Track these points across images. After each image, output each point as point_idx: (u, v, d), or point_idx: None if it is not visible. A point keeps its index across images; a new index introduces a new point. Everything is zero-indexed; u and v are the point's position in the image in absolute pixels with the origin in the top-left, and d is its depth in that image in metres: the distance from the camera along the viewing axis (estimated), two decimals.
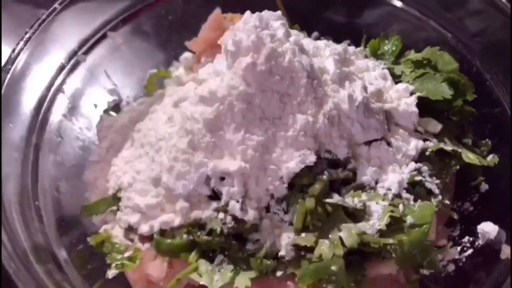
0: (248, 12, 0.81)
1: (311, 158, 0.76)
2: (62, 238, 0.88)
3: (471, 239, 0.87)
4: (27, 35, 0.89)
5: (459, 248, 0.87)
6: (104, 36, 1.05)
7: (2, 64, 0.86)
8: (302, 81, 0.77)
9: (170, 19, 1.13)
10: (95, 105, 1.04)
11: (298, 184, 0.77)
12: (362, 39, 1.11)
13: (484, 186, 0.91)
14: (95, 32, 1.04)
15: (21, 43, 0.88)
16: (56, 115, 0.95)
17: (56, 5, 0.93)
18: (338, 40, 1.13)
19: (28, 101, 0.92)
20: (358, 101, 0.80)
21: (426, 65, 0.96)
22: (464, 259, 0.85)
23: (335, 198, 0.76)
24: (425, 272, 0.83)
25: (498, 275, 0.77)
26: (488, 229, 0.83)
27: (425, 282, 0.83)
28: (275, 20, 0.81)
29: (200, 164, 0.78)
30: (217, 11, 1.13)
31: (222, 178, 0.78)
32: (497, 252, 0.80)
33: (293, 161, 0.76)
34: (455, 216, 0.88)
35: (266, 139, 0.76)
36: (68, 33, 0.99)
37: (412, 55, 1.00)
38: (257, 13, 0.80)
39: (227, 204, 0.77)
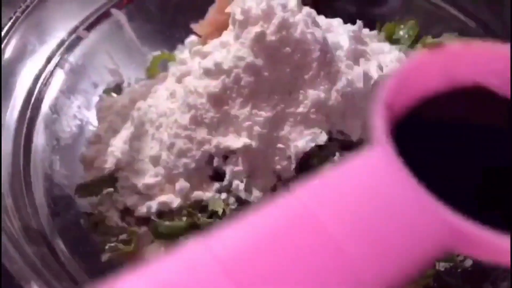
0: None
1: (322, 138, 0.71)
2: (55, 220, 0.83)
3: None
4: (25, 4, 0.84)
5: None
6: (107, 14, 1.01)
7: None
8: (315, 54, 0.72)
9: (176, 0, 1.09)
10: (95, 84, 0.99)
11: (307, 164, 0.72)
12: (376, 25, 1.08)
13: None
14: (99, 8, 0.99)
15: (18, 11, 0.83)
16: (53, 91, 0.91)
17: None
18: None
19: (25, 74, 0.87)
20: (374, 80, 0.75)
21: None
22: None
23: None
24: (441, 267, 0.78)
25: None
26: None
27: (441, 276, 0.77)
28: None
29: (203, 141, 0.73)
30: None
31: (226, 157, 0.73)
32: None
33: (302, 140, 0.71)
34: None
35: (274, 115, 0.71)
36: (70, 8, 0.95)
37: (429, 39, 0.96)
38: None
39: (230, 184, 0.72)
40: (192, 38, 1.08)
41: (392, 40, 0.98)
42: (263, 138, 0.71)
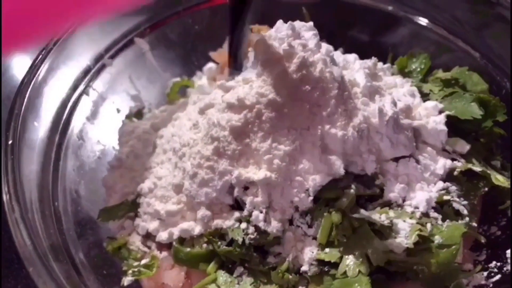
0: (280, 21, 0.80)
1: (339, 172, 0.74)
2: (80, 241, 0.86)
3: (498, 264, 0.84)
4: (56, 37, 0.89)
5: (485, 273, 0.84)
6: (131, 42, 1.05)
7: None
8: (333, 92, 0.75)
9: (196, 29, 1.13)
10: (118, 110, 1.04)
11: (323, 197, 0.75)
12: (388, 57, 1.11)
13: None
14: (123, 37, 1.04)
15: (51, 43, 0.87)
16: (79, 118, 0.95)
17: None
18: (363, 57, 1.14)
19: (53, 102, 0.91)
20: (388, 116, 0.78)
21: (454, 84, 0.95)
22: (491, 285, 0.82)
23: (362, 213, 0.74)
24: None
25: None
26: None
27: None
28: (306, 31, 0.80)
29: (225, 172, 0.76)
30: None
31: (246, 188, 0.77)
32: None
33: (320, 174, 0.74)
34: (482, 240, 0.85)
35: (293, 149, 0.75)
36: (96, 37, 0.99)
37: (441, 73, 0.99)
38: (289, 22, 0.79)
39: (250, 214, 0.75)
40: (210, 65, 1.13)
41: (404, 73, 1.01)
42: (282, 171, 0.74)
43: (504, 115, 0.88)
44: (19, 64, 1.30)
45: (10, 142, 0.78)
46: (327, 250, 0.73)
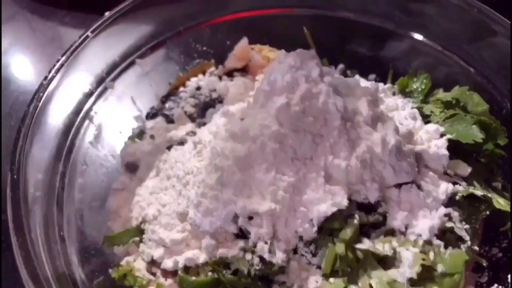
0: (283, 51, 0.80)
1: (343, 202, 0.75)
2: (84, 267, 0.87)
3: (500, 287, 0.85)
4: (60, 62, 0.89)
5: None
6: (132, 63, 1.05)
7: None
8: (336, 122, 0.76)
9: (197, 48, 1.14)
10: (120, 132, 1.04)
11: (327, 227, 0.76)
12: (389, 74, 1.12)
13: None
14: (124, 58, 1.04)
15: (53, 70, 0.87)
16: (82, 143, 0.95)
17: (88, 32, 0.93)
18: (363, 73, 1.14)
19: (56, 125, 0.92)
20: (391, 144, 0.79)
21: (455, 105, 0.95)
22: None
23: (366, 244, 0.75)
24: None
25: None
26: None
27: None
28: (309, 60, 0.80)
29: (229, 202, 0.77)
30: (244, 41, 1.14)
31: (250, 217, 0.77)
32: None
33: (324, 204, 0.75)
34: (484, 263, 0.86)
35: (297, 180, 0.75)
36: (97, 59, 0.99)
37: (441, 94, 0.99)
38: (292, 53, 0.79)
39: (255, 245, 0.76)
40: None
41: (405, 93, 1.02)
42: (286, 202, 0.75)
43: (505, 139, 0.89)
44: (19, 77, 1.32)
45: (15, 175, 0.78)
46: (331, 280, 0.74)
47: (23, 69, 1.38)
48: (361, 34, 1.16)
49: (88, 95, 0.98)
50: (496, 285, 0.85)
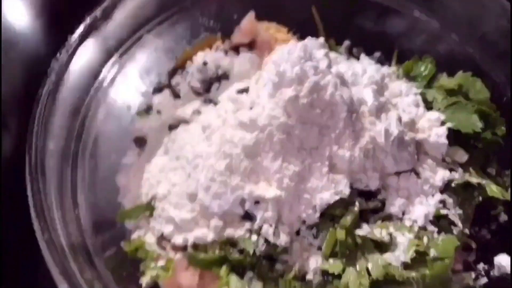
0: (292, 42, 0.81)
1: (346, 191, 0.79)
2: (97, 238, 0.92)
3: (486, 267, 0.91)
4: (71, 41, 0.90)
5: (473, 275, 0.91)
6: (139, 38, 1.06)
7: None
8: (342, 114, 0.79)
9: (204, 22, 1.13)
10: (129, 107, 1.06)
11: (329, 213, 0.81)
12: (394, 53, 1.13)
13: (504, 217, 0.94)
14: (131, 34, 1.04)
15: (63, 51, 0.89)
16: (93, 119, 0.98)
17: (97, 13, 0.93)
18: (369, 51, 1.15)
19: (67, 103, 0.94)
20: (394, 136, 0.82)
21: (457, 92, 0.98)
22: (478, 287, 0.89)
23: (364, 230, 0.80)
24: None
25: None
26: (504, 262, 0.87)
27: None
28: (318, 49, 0.81)
29: (237, 187, 0.81)
30: (251, 14, 1.13)
31: (257, 202, 0.82)
32: None
33: (327, 192, 0.79)
34: (473, 245, 0.92)
35: (302, 169, 0.79)
36: (105, 36, 0.99)
37: (445, 79, 1.01)
38: (301, 43, 0.81)
39: (260, 228, 0.81)
40: None
41: (409, 77, 1.03)
42: (292, 189, 0.79)
43: (503, 129, 0.92)
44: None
45: (33, 152, 0.82)
46: (331, 261, 0.80)
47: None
48: (367, 10, 1.16)
49: (97, 72, 0.99)
50: (482, 264, 0.92)
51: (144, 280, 0.87)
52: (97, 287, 0.82)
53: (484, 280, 0.89)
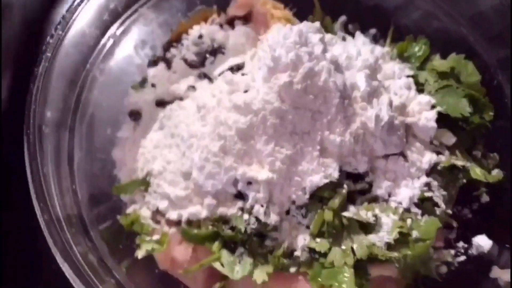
0: (288, 26, 0.82)
1: (335, 174, 0.82)
2: (93, 210, 0.95)
3: (466, 246, 0.95)
4: (66, 16, 0.90)
5: (453, 252, 0.96)
6: (135, 12, 1.05)
7: None
8: (334, 100, 0.80)
9: None
10: (124, 81, 1.07)
11: (318, 195, 0.84)
12: (389, 31, 1.13)
13: (485, 198, 0.98)
14: (126, 7, 1.03)
15: (59, 27, 0.88)
16: (89, 92, 0.99)
17: None
18: (364, 27, 1.15)
19: (64, 77, 0.95)
20: (384, 121, 0.84)
21: (449, 75, 0.99)
22: (456, 264, 0.94)
23: (351, 211, 0.83)
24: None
25: None
26: (482, 242, 0.91)
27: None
28: (313, 33, 0.82)
29: (230, 168, 0.83)
30: None
31: (249, 182, 0.84)
32: (488, 267, 0.89)
33: (317, 175, 0.82)
34: (454, 224, 0.96)
35: (294, 152, 0.82)
36: (100, 10, 0.99)
37: (438, 61, 1.02)
38: (297, 28, 0.81)
39: (252, 207, 0.84)
40: None
41: (403, 57, 1.04)
42: (283, 172, 0.82)
43: (491, 115, 0.95)
44: None
45: (29, 130, 0.84)
46: (318, 240, 0.84)
47: None
48: None
49: (93, 46, 0.99)
50: (462, 243, 0.96)
51: (140, 254, 0.91)
52: (91, 258, 0.87)
53: (462, 257, 0.94)
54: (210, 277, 0.90)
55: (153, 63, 1.10)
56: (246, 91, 0.84)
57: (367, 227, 0.84)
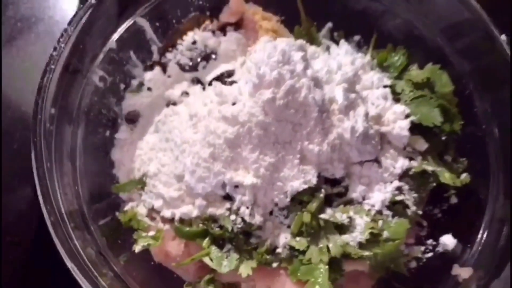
0: (273, 44, 0.89)
1: (313, 180, 0.91)
2: (93, 206, 1.03)
3: (434, 243, 1.05)
4: (68, 31, 0.96)
5: (423, 248, 1.05)
6: (132, 18, 1.11)
7: None
8: (313, 114, 0.88)
9: (193, 1, 1.18)
10: (123, 86, 1.14)
11: (298, 198, 0.92)
12: (372, 39, 1.19)
13: (454, 199, 1.07)
14: (124, 15, 1.10)
15: (61, 40, 0.95)
16: (88, 97, 1.06)
17: (92, 1, 0.99)
18: (349, 34, 1.21)
19: (65, 84, 1.01)
20: (359, 132, 0.92)
21: (424, 85, 1.06)
22: (424, 260, 1.04)
23: (328, 213, 0.92)
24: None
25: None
26: (448, 241, 1.00)
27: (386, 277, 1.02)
28: (296, 51, 0.89)
29: (219, 173, 0.92)
30: None
31: (236, 186, 0.93)
32: (451, 265, 0.98)
33: (297, 181, 0.90)
34: (424, 223, 1.05)
35: (276, 160, 0.90)
36: (100, 22, 1.05)
37: (414, 72, 1.09)
38: (280, 48, 0.88)
39: (238, 208, 0.93)
40: None
41: (383, 67, 1.12)
42: (267, 178, 0.90)
43: (460, 125, 1.03)
44: None
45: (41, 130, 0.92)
46: (297, 238, 0.93)
47: None
48: None
49: (93, 55, 1.06)
50: (431, 240, 1.05)
51: (137, 248, 1.00)
52: (91, 252, 0.95)
53: (430, 254, 1.04)
54: (200, 269, 0.99)
55: (149, 67, 1.17)
56: (234, 104, 0.91)
57: (342, 228, 0.93)
